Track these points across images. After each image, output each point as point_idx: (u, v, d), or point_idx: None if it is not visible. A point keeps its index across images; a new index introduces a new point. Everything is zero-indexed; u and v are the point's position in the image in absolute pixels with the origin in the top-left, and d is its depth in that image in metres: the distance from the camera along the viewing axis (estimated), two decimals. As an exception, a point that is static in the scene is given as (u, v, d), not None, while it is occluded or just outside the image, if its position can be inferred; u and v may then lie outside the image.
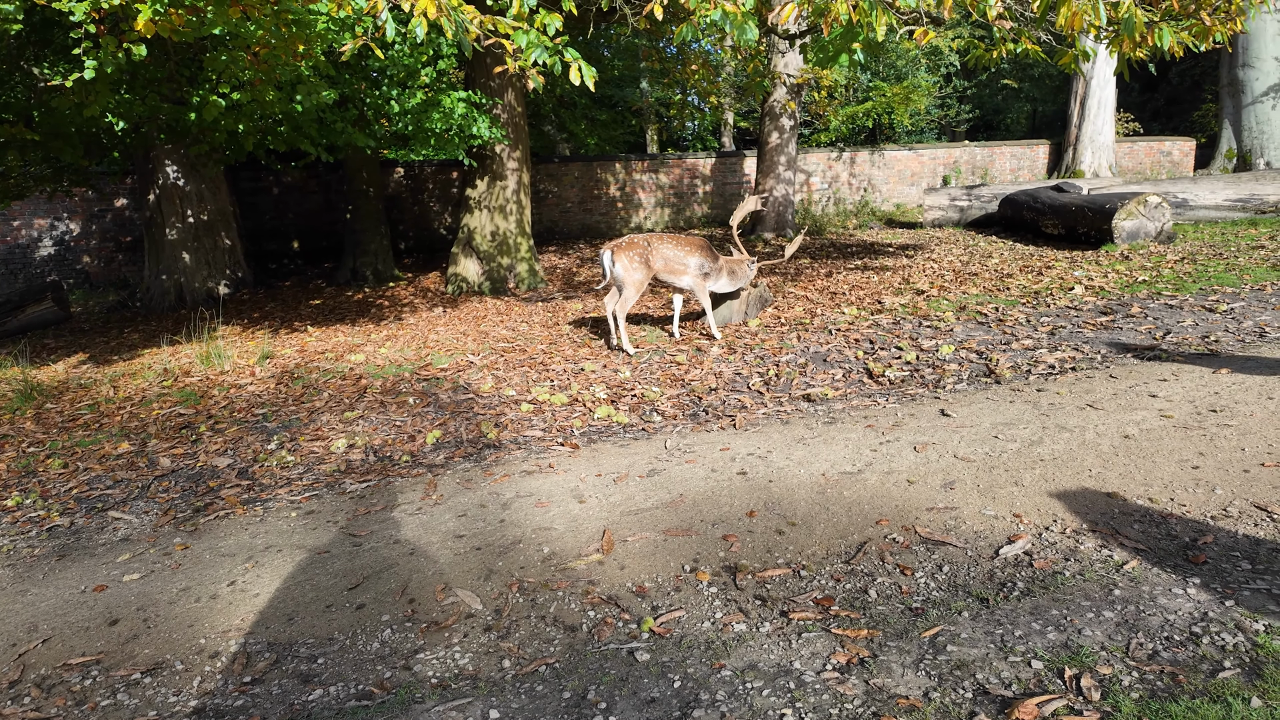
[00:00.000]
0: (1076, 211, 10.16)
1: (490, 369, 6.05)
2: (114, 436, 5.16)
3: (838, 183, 15.43)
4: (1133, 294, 6.75)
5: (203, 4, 4.42)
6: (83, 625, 2.92)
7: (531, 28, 4.91)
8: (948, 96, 19.37)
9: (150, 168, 10.41)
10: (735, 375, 5.49)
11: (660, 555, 3.04)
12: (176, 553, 3.48)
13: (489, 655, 2.52)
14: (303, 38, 5.13)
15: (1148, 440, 3.63)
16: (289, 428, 5.11)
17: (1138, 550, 2.75)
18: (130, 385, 6.36)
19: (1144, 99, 22.82)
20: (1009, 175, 16.06)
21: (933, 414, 4.32)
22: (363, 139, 8.24)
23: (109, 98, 5.86)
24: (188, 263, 10.73)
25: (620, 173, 14.41)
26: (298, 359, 6.85)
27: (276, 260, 13.11)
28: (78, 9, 4.20)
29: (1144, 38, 5.68)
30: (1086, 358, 5.15)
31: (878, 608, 2.57)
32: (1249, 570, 2.55)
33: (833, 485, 3.50)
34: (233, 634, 2.78)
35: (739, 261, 6.53)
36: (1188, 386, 4.30)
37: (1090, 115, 15.40)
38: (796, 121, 12.86)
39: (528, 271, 10.31)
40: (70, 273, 12.31)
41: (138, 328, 9.25)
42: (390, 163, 13.65)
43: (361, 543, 3.39)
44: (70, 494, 4.34)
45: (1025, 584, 2.61)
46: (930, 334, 6.04)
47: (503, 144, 9.80)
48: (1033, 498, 3.22)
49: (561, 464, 4.12)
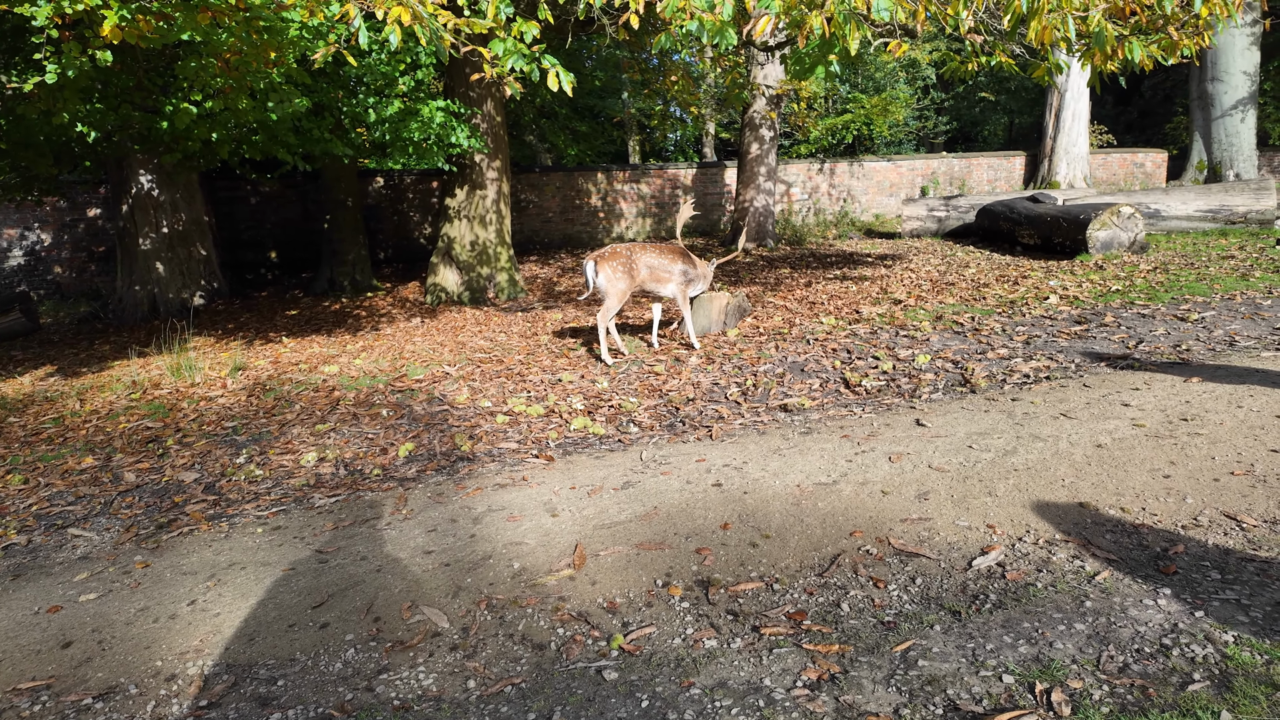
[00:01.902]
0: (1052, 222, 10.27)
1: (466, 380, 5.99)
2: (78, 451, 5.04)
3: (818, 193, 15.52)
4: (1106, 303, 6.81)
5: (170, 10, 4.35)
6: (34, 648, 2.82)
7: (509, 35, 4.89)
8: (925, 108, 19.57)
9: (123, 177, 10.26)
10: (713, 385, 5.47)
11: (632, 570, 3.00)
12: (136, 571, 3.38)
13: (454, 675, 2.46)
14: (274, 45, 5.07)
15: (1120, 449, 3.64)
16: (259, 441, 5.02)
17: (1110, 561, 2.74)
18: (98, 398, 6.23)
19: (1118, 111, 23.20)
20: (986, 186, 16.23)
21: (908, 424, 4.31)
22: (340, 148, 8.17)
23: (77, 105, 5.76)
24: (161, 273, 10.58)
25: (602, 183, 14.41)
26: (271, 370, 6.75)
27: (254, 270, 12.97)
28: (39, 13, 4.12)
29: (1115, 51, 5.76)
30: (1061, 367, 5.17)
31: (850, 622, 2.54)
32: (1219, 580, 2.54)
33: (808, 496, 3.47)
34: (191, 656, 2.70)
35: (702, 264, 6.57)
36: (1160, 395, 4.32)
37: (1065, 127, 15.60)
38: (776, 132, 12.92)
39: (508, 281, 10.26)
40: (41, 283, 12.10)
41: (109, 339, 9.09)
42: (370, 172, 13.57)
43: (328, 559, 3.32)
44: (30, 511, 4.22)
45: (998, 596, 2.59)
46: (907, 343, 6.05)
47: (482, 153, 9.75)
48: (1006, 508, 3.21)
49: (535, 476, 4.06)
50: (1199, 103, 15.71)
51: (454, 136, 8.56)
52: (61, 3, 4.27)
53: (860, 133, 16.24)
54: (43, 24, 4.19)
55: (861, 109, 15.67)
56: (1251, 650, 2.15)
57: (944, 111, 21.07)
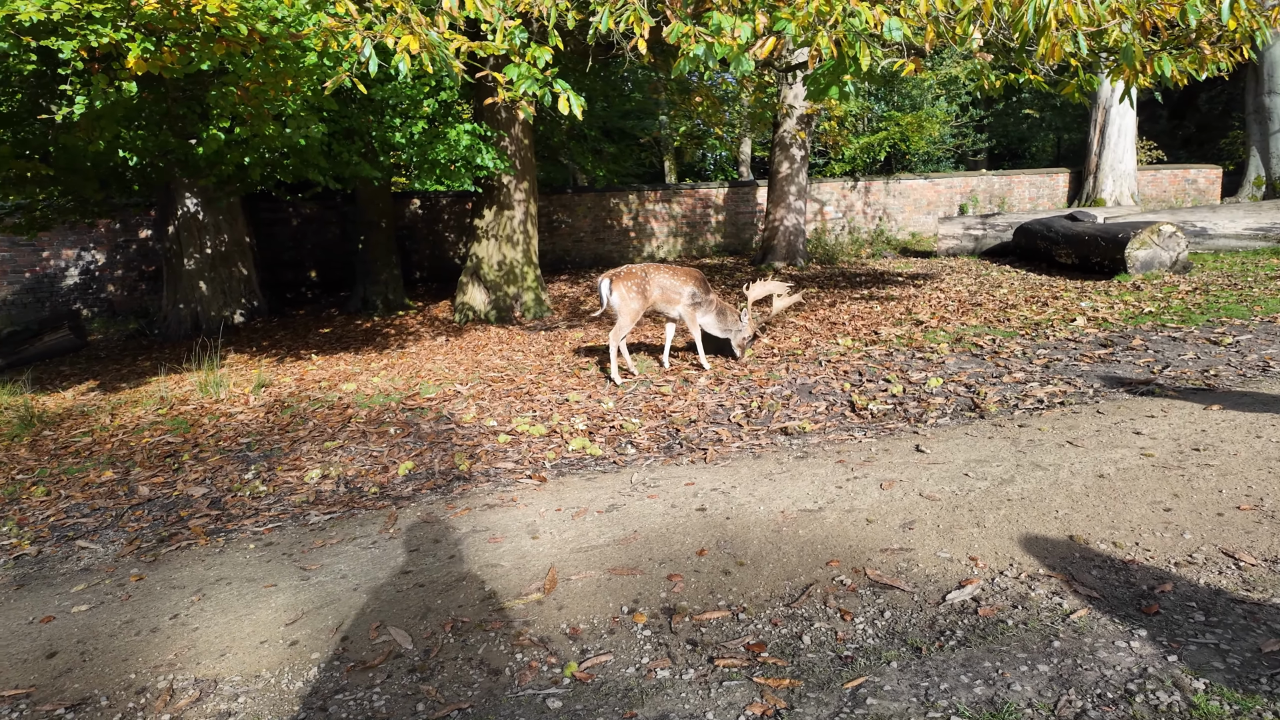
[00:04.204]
0: (1090, 241, 9.97)
1: (476, 399, 6.05)
2: (100, 464, 5.24)
3: (852, 211, 15.35)
4: (1136, 325, 6.56)
5: (186, 40, 4.54)
6: (22, 657, 2.93)
7: (523, 60, 4.99)
8: (964, 126, 19.23)
9: (170, 200, 10.72)
10: (718, 407, 5.42)
11: (601, 595, 2.97)
12: (130, 584, 3.49)
13: (406, 698, 2.47)
14: (291, 73, 5.25)
15: (1122, 480, 3.49)
16: (269, 457, 5.14)
17: (1090, 598, 2.62)
18: (128, 413, 6.47)
19: (1173, 126, 22.45)
20: (1028, 204, 15.84)
21: (907, 450, 4.21)
22: (369, 170, 8.39)
23: (113, 132, 6.04)
24: (204, 292, 10.99)
25: (633, 203, 14.50)
26: (294, 388, 6.93)
27: (294, 289, 13.36)
28: (66, 46, 4.34)
29: (1144, 66, 5.60)
30: (1078, 392, 4.99)
31: (808, 655, 2.47)
32: (1201, 622, 2.41)
33: (789, 523, 3.40)
34: (164, 669, 2.76)
35: (732, 310, 6.47)
36: (1175, 423, 4.13)
37: (1110, 143, 15.17)
38: (807, 151, 12.85)
39: (534, 300, 10.36)
40: (95, 301, 12.66)
41: (151, 355, 9.45)
42: (407, 194, 13.90)
43: (309, 576, 3.37)
44: (46, 522, 4.39)
45: (965, 632, 2.49)
46: (921, 366, 5.92)
47: (509, 175, 9.91)
48: (992, 540, 3.10)
49: (525, 497, 4.07)
50: (1255, 116, 15.13)
51: (480, 158, 8.73)
52: (88, 36, 4.51)
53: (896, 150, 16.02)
54: (69, 56, 4.41)
55: (896, 127, 15.47)
56: (1221, 700, 2.03)
57: (984, 129, 20.66)
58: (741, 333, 6.45)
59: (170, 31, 4.67)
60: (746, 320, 6.45)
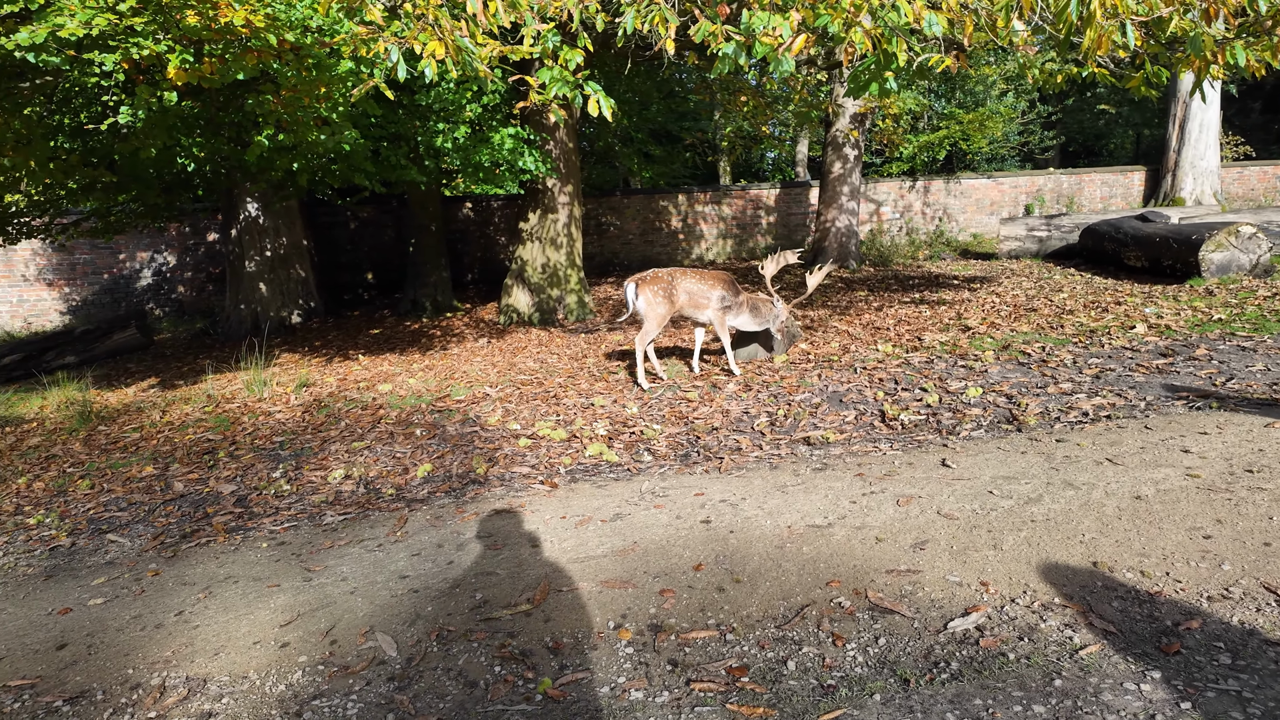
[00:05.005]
0: (1160, 243, 9.41)
1: (503, 401, 6.07)
2: (144, 460, 5.45)
3: (910, 212, 14.89)
4: (1202, 334, 6.13)
5: (220, 52, 4.68)
6: (35, 647, 3.03)
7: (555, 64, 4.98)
8: (1031, 122, 18.43)
9: (233, 204, 11.15)
10: (743, 414, 5.29)
11: (590, 609, 2.90)
12: (146, 579, 3.59)
13: (379, 707, 2.45)
14: (324, 80, 5.36)
15: (1161, 503, 3.23)
16: (299, 456, 5.25)
17: (1106, 633, 2.42)
18: (178, 410, 6.72)
19: (1265, 119, 21.10)
20: (1099, 204, 15.08)
21: (932, 463, 4.01)
22: (415, 174, 8.54)
23: (164, 140, 6.28)
24: (264, 293, 11.39)
25: (682, 204, 14.39)
26: (334, 388, 7.09)
27: (351, 290, 13.73)
28: (108, 59, 4.52)
29: (1215, 55, 5.23)
30: (1127, 405, 4.67)
31: (789, 682, 2.35)
32: (1226, 666, 2.19)
33: (795, 539, 3.27)
34: (159, 666, 2.82)
35: (764, 300, 6.33)
36: (1230, 441, 3.82)
37: (1190, 139, 14.30)
38: (860, 151, 12.52)
39: (576, 303, 10.38)
40: (166, 301, 13.27)
41: (211, 354, 9.83)
42: (459, 197, 14.13)
43: (312, 578, 3.41)
44: (86, 514, 4.58)
45: (960, 665, 2.33)
46: (962, 375, 5.65)
47: (553, 178, 9.95)
48: (1008, 564, 2.91)
49: (534, 504, 4.04)
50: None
51: (522, 161, 8.79)
52: (130, 50, 4.68)
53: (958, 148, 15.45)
54: (111, 69, 4.60)
55: (957, 125, 14.93)
56: (1234, 756, 1.83)
57: (1051, 125, 19.76)
58: (779, 318, 6.34)
59: (207, 43, 4.82)
60: (780, 304, 6.33)
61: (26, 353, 9.13)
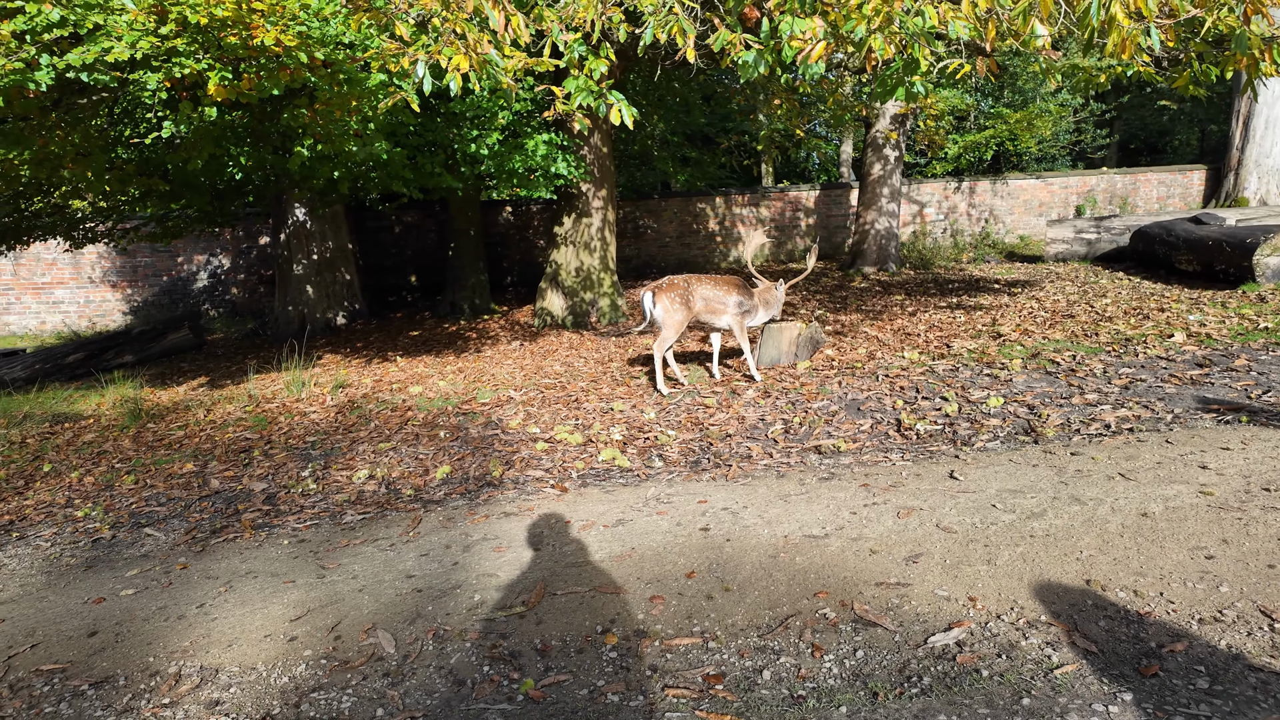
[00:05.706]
0: (1214, 246, 9.06)
1: (525, 405, 6.20)
2: (185, 457, 5.73)
3: (955, 213, 14.61)
4: (1245, 343, 5.91)
5: (254, 70, 4.90)
6: (68, 634, 3.25)
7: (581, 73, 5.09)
8: (1084, 120, 17.86)
9: (282, 209, 11.57)
10: (759, 421, 5.31)
11: (581, 613, 2.98)
12: (175, 572, 3.80)
13: (371, 701, 2.57)
14: (355, 94, 5.56)
15: (1167, 521, 3.16)
16: (328, 456, 5.46)
17: (1087, 653, 2.40)
18: (221, 409, 7.04)
19: (1341, 114, 20.00)
20: (1155, 204, 14.55)
21: (940, 475, 3.98)
22: (450, 180, 8.75)
23: (209, 151, 6.59)
24: (310, 295, 11.79)
25: (720, 207, 14.39)
26: (369, 388, 7.32)
27: (395, 293, 14.10)
28: (151, 79, 4.78)
29: (1263, 54, 5.07)
30: (1153, 417, 4.56)
31: (760, 692, 2.39)
32: (1203, 690, 2.15)
33: (789, 549, 3.29)
34: (177, 655, 3.00)
35: (767, 289, 6.40)
36: (1252, 457, 3.70)
37: (1255, 136, 13.69)
38: (901, 152, 12.34)
39: (609, 306, 10.48)
40: (220, 303, 13.83)
41: (259, 355, 10.23)
42: (498, 202, 14.37)
43: (326, 575, 3.57)
44: (129, 509, 4.85)
45: (932, 680, 2.34)
46: (986, 383, 5.57)
47: (587, 182, 10.08)
48: (999, 580, 2.89)
49: (541, 507, 4.14)
50: None
51: (556, 166, 8.93)
52: (172, 69, 4.94)
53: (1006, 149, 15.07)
54: (154, 87, 4.86)
55: (1004, 125, 14.58)
56: (1190, 783, 1.81)
57: (1108, 124, 19.11)
58: (781, 299, 6.59)
59: (243, 61, 5.06)
60: (780, 287, 6.57)
61: (88, 352, 9.64)
